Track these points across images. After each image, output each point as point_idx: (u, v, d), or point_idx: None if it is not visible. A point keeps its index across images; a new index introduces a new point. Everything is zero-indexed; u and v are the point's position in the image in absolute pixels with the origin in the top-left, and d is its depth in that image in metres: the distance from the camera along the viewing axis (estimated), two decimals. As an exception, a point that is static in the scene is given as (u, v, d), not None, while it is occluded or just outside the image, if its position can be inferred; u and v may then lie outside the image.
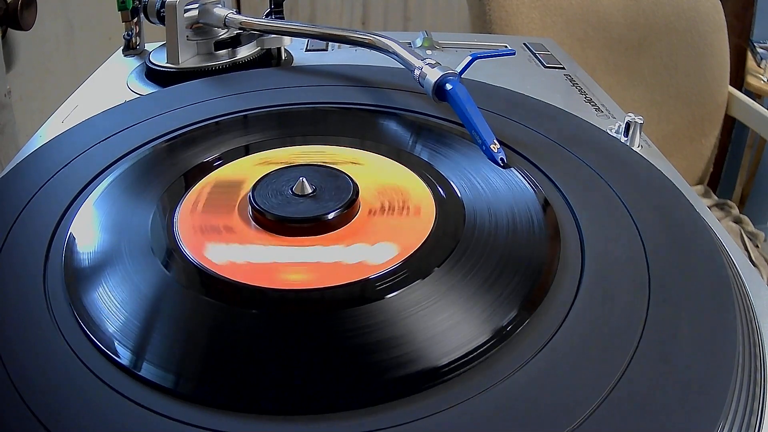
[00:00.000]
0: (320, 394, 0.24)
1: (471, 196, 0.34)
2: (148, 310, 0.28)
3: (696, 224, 0.33)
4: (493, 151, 0.37)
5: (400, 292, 0.28)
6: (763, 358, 0.28)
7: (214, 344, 0.26)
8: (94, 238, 0.32)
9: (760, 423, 0.25)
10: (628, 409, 0.23)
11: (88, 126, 0.44)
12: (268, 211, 0.32)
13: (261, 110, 0.45)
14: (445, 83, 0.42)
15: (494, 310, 0.27)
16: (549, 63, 0.63)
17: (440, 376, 0.25)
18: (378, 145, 0.40)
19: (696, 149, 1.09)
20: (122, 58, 0.62)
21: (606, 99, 0.54)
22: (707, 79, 1.05)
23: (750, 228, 1.02)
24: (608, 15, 0.99)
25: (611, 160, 0.38)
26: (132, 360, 0.25)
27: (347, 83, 0.49)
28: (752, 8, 1.24)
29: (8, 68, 0.87)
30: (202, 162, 0.38)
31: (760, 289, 0.33)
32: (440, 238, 0.31)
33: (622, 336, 0.26)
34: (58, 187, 0.36)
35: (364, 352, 0.25)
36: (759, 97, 1.16)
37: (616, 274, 0.30)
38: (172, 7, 0.54)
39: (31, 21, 0.82)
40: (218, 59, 0.56)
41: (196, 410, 0.24)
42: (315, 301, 0.28)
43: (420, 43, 0.66)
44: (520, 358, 0.25)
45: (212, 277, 0.29)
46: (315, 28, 0.54)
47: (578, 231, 0.33)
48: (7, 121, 0.85)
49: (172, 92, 0.49)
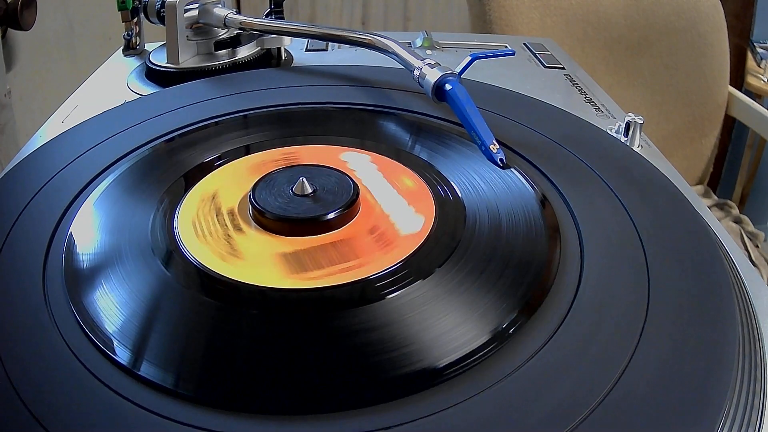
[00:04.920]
0: (320, 394, 0.24)
1: (471, 196, 0.34)
2: (147, 310, 0.28)
3: (696, 224, 0.33)
4: (492, 151, 0.37)
5: (400, 292, 0.28)
6: (763, 357, 0.28)
7: (213, 344, 0.26)
8: (94, 239, 0.32)
9: (760, 423, 0.25)
10: (628, 409, 0.23)
11: (88, 126, 0.44)
12: (268, 211, 0.32)
13: (261, 110, 0.45)
14: (445, 83, 0.42)
15: (494, 310, 0.27)
16: (549, 63, 0.63)
17: (440, 376, 0.25)
18: (378, 145, 0.40)
19: (696, 149, 1.09)
20: (122, 58, 0.62)
21: (606, 99, 0.54)
22: (707, 79, 1.05)
23: (750, 228, 1.02)
24: (608, 15, 0.99)
25: (611, 161, 0.38)
26: (131, 360, 0.25)
27: (347, 83, 0.49)
28: (752, 8, 1.24)
29: (8, 68, 0.87)
30: (202, 162, 0.38)
31: (760, 289, 0.33)
32: (440, 238, 0.31)
33: (621, 336, 0.26)
34: (58, 187, 0.36)
35: (364, 352, 0.25)
36: (759, 97, 1.16)
37: (616, 274, 0.30)
38: (172, 7, 0.54)
39: (31, 21, 0.82)
40: (218, 59, 0.56)
41: (196, 410, 0.24)
42: (315, 301, 0.28)
43: (420, 43, 0.66)
44: (520, 358, 0.25)
45: (212, 277, 0.29)
46: (315, 28, 0.54)
47: (578, 231, 0.33)
48: (7, 121, 0.85)
49: (172, 92, 0.49)
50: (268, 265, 0.30)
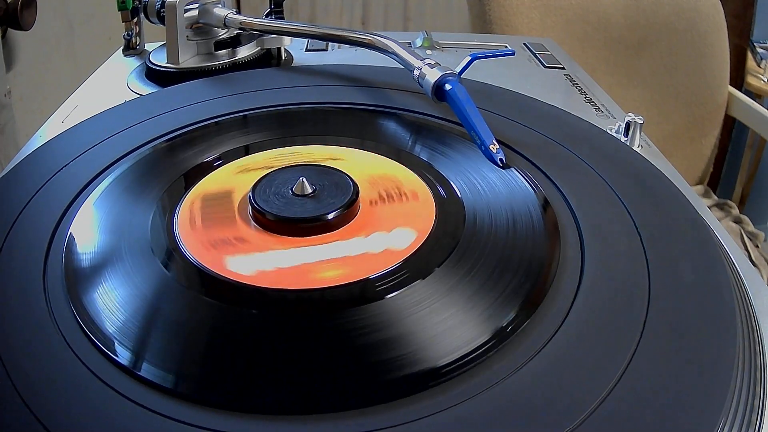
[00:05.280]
0: (320, 394, 0.24)
1: (471, 196, 0.34)
2: (147, 310, 0.28)
3: (696, 224, 0.33)
4: (492, 151, 0.37)
5: (400, 292, 0.28)
6: (763, 357, 0.28)
7: (213, 344, 0.26)
8: (94, 238, 0.32)
9: (761, 422, 0.25)
10: (629, 409, 0.23)
11: (87, 126, 0.44)
12: (269, 211, 0.32)
13: (261, 110, 0.45)
14: (445, 83, 0.42)
15: (494, 310, 0.27)
16: (549, 63, 0.63)
17: (440, 377, 0.25)
18: (378, 145, 0.40)
19: (696, 149, 1.09)
20: (122, 58, 0.62)
21: (606, 99, 0.54)
22: (707, 79, 1.05)
23: (750, 228, 1.02)
24: (608, 15, 0.99)
25: (611, 160, 0.38)
26: (131, 360, 0.25)
27: (347, 83, 0.49)
28: (752, 8, 1.24)
29: (8, 68, 0.87)
30: (202, 162, 0.38)
31: (760, 289, 0.33)
32: (440, 237, 0.31)
33: (622, 336, 0.26)
34: (58, 187, 0.36)
35: (364, 352, 0.25)
36: (759, 97, 1.16)
37: (616, 274, 0.30)
38: (172, 7, 0.54)
39: (31, 21, 0.82)
40: (218, 59, 0.56)
41: (196, 410, 0.24)
42: (315, 301, 0.28)
43: (420, 43, 0.66)
44: (520, 358, 0.25)
45: (212, 277, 0.29)
46: (315, 28, 0.54)
47: (578, 231, 0.33)
48: (7, 121, 0.85)
49: (172, 92, 0.49)
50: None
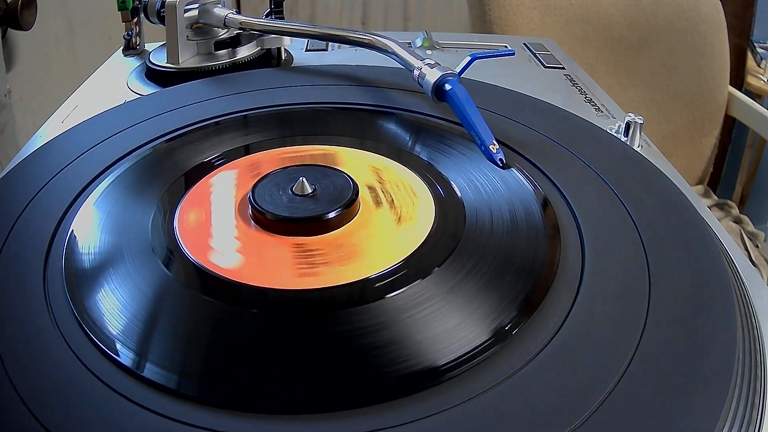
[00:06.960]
0: (320, 394, 0.24)
1: (471, 196, 0.34)
2: (148, 310, 0.28)
3: (696, 224, 0.33)
4: (492, 151, 0.37)
5: (400, 292, 0.28)
6: (763, 357, 0.28)
7: (214, 344, 0.26)
8: (94, 238, 0.32)
9: (760, 422, 0.25)
10: (629, 409, 0.23)
11: (88, 126, 0.44)
12: (269, 211, 0.32)
13: (261, 110, 0.45)
14: (444, 83, 0.42)
15: (494, 310, 0.27)
16: (549, 63, 0.63)
17: (440, 377, 0.25)
18: (378, 145, 0.40)
19: (696, 149, 1.09)
20: (122, 58, 0.62)
21: (606, 99, 0.54)
22: (707, 79, 1.05)
23: (750, 228, 1.02)
24: (608, 15, 0.99)
25: (611, 160, 0.38)
26: (132, 360, 0.25)
27: (347, 83, 0.49)
28: (752, 8, 1.24)
29: (8, 68, 0.87)
30: (202, 162, 0.38)
31: (760, 289, 0.33)
32: (440, 237, 0.31)
33: (622, 336, 0.26)
34: (58, 187, 0.36)
35: (364, 352, 0.25)
36: (759, 97, 1.16)
37: (616, 273, 0.30)
38: (172, 7, 0.54)
39: (31, 21, 0.82)
40: (218, 59, 0.56)
41: (197, 410, 0.24)
42: (315, 301, 0.28)
43: (420, 43, 0.66)
44: (520, 358, 0.25)
45: (212, 277, 0.29)
46: (315, 28, 0.54)
47: (578, 231, 0.33)
48: (7, 121, 0.85)
49: (172, 92, 0.49)
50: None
